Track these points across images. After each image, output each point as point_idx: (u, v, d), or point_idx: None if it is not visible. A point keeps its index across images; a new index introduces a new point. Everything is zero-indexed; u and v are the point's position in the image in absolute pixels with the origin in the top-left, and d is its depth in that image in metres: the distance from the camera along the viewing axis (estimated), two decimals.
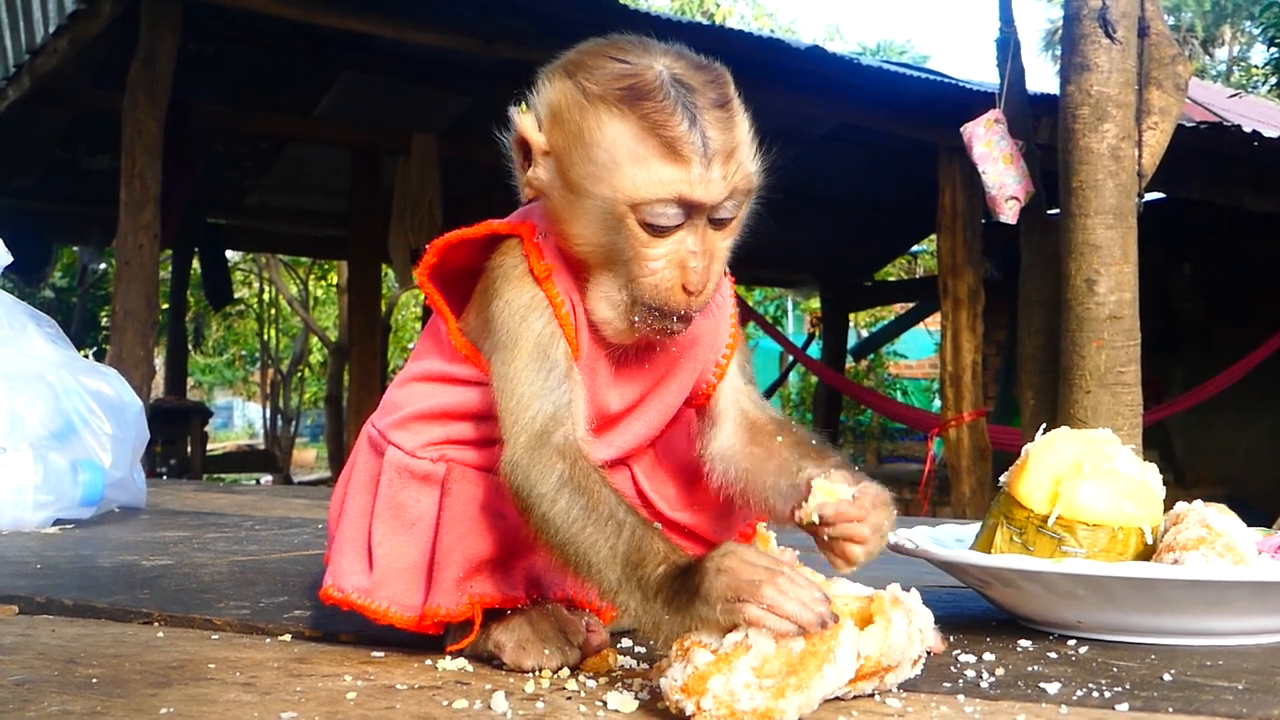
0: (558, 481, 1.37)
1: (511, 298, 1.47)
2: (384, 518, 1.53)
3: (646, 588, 1.29)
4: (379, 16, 7.44)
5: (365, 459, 1.59)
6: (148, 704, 1.26)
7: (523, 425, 1.41)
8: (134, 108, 6.96)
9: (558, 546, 1.36)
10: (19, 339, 3.46)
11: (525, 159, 1.48)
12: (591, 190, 1.40)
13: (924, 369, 20.68)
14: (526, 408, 1.42)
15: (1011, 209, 6.06)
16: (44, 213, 11.86)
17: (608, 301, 1.46)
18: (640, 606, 1.30)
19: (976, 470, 7.81)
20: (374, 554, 1.52)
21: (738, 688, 1.16)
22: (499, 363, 1.46)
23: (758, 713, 1.16)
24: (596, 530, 1.34)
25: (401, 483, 1.53)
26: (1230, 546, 1.61)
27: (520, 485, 1.39)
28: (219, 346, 26.56)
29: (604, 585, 1.33)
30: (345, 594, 1.53)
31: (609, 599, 1.34)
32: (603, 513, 1.35)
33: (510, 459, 1.41)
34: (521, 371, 1.43)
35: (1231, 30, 28.96)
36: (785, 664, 1.18)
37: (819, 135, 10.54)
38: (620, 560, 1.31)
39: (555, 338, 1.45)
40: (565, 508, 1.36)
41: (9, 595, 1.98)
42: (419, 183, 9.72)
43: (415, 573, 1.52)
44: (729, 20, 23.07)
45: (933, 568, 1.83)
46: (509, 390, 1.44)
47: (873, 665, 1.27)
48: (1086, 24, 5.12)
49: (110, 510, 3.54)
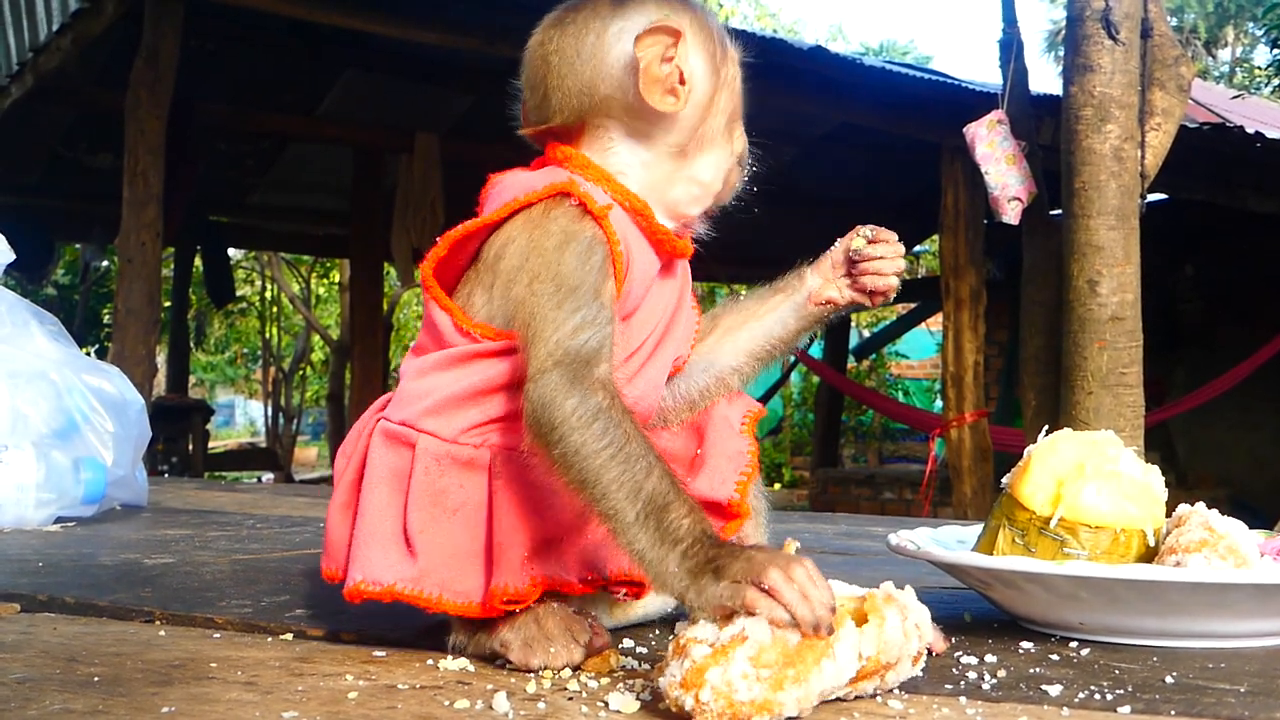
0: (596, 409, 1.37)
1: (573, 234, 1.48)
2: (422, 506, 1.48)
3: (664, 532, 1.30)
4: (382, 15, 7.44)
5: (384, 454, 1.53)
6: (149, 703, 1.26)
7: (565, 348, 1.41)
8: (137, 106, 6.97)
9: (579, 475, 1.35)
10: (21, 337, 3.46)
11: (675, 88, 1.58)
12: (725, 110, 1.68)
13: (926, 369, 20.68)
14: (575, 330, 1.42)
15: (1014, 210, 6.06)
16: (46, 210, 11.87)
17: (684, 193, 1.65)
18: (650, 548, 1.30)
19: (978, 471, 7.81)
20: (414, 543, 1.48)
21: (735, 678, 1.15)
22: (541, 293, 1.45)
23: (756, 703, 1.15)
24: (627, 465, 1.34)
25: (441, 469, 1.49)
26: (1233, 549, 1.61)
27: (552, 403, 1.38)
28: (221, 344, 26.58)
29: (619, 520, 1.33)
30: (386, 585, 1.47)
31: (619, 534, 1.33)
32: (635, 450, 1.35)
33: (543, 376, 1.39)
34: (571, 299, 1.44)
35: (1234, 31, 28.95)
36: (782, 655, 1.17)
37: (821, 135, 10.55)
38: (645, 498, 1.32)
39: (607, 278, 1.48)
40: (599, 434, 1.35)
41: (11, 593, 1.98)
42: (421, 182, 9.73)
43: (466, 559, 1.48)
44: (732, 20, 23.09)
45: (934, 569, 1.83)
46: (552, 312, 1.43)
47: (873, 665, 1.27)
48: (1089, 25, 5.13)
49: (112, 508, 3.54)
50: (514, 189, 1.57)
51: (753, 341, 1.78)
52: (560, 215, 1.50)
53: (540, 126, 1.64)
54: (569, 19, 1.61)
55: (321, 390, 23.27)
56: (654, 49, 1.55)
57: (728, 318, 1.80)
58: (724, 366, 1.76)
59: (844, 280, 1.76)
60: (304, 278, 21.73)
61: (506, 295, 1.51)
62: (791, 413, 20.57)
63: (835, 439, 15.16)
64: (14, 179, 11.23)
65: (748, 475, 1.64)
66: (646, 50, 1.55)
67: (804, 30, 31.36)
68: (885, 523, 4.00)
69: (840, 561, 2.66)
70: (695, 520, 1.31)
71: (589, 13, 1.60)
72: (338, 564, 1.57)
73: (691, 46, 1.59)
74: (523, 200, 1.53)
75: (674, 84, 1.57)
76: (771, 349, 1.79)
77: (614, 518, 1.33)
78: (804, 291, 1.77)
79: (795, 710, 1.18)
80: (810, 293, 1.77)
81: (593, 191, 1.53)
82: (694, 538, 1.29)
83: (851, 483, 13.35)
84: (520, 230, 1.52)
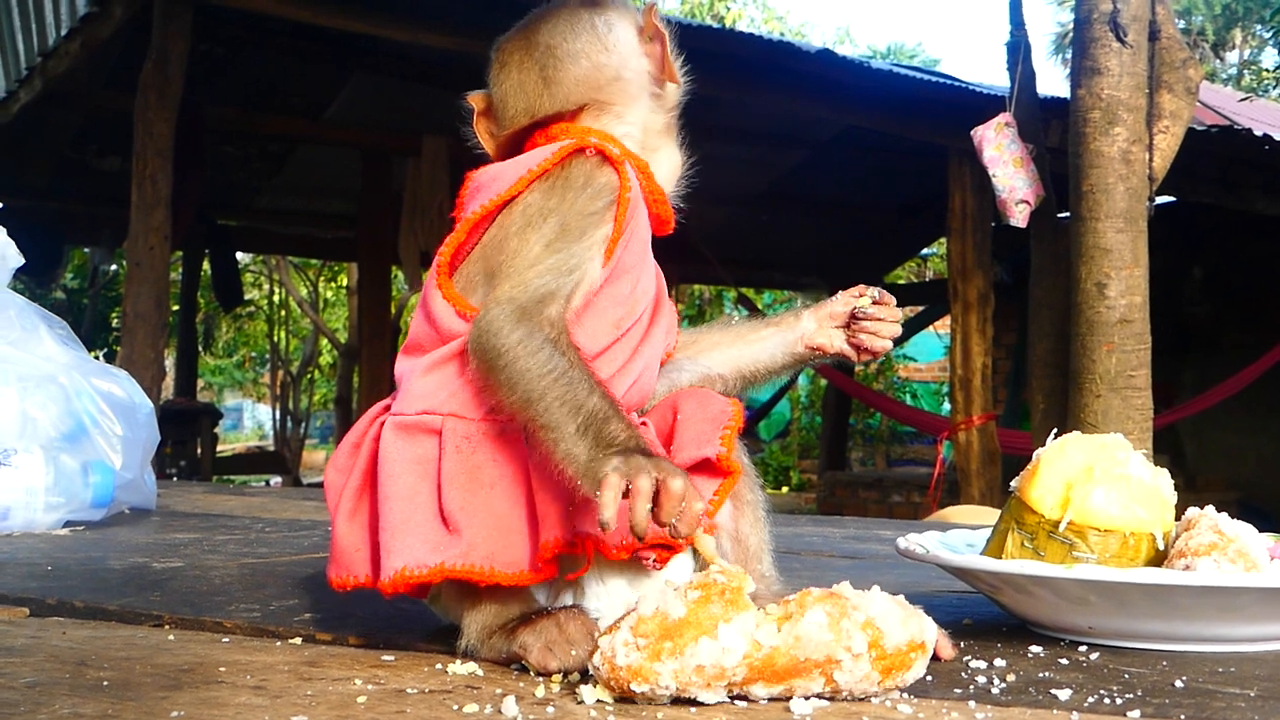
0: (542, 340, 1.46)
1: (590, 178, 1.59)
2: (458, 484, 1.50)
3: (601, 439, 1.39)
4: (389, 18, 7.46)
5: (401, 445, 1.53)
6: (158, 707, 1.26)
7: (528, 283, 1.51)
8: (145, 110, 6.98)
9: (524, 394, 1.44)
10: (30, 340, 3.47)
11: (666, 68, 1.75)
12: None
13: (933, 372, 20.65)
14: (543, 272, 1.52)
15: (1022, 212, 6.05)
16: (55, 214, 11.89)
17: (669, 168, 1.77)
18: (587, 454, 1.39)
19: (986, 474, 7.80)
20: (457, 520, 1.48)
21: (618, 645, 1.26)
22: (534, 234, 1.55)
23: (632, 669, 1.25)
24: (570, 387, 1.43)
25: (472, 446, 1.51)
26: (1242, 552, 1.60)
27: (499, 331, 1.47)
28: (229, 348, 26.60)
29: (560, 431, 1.42)
30: (434, 566, 1.47)
31: (559, 445, 1.41)
32: (577, 375, 1.45)
33: (498, 306, 1.49)
34: (556, 240, 1.55)
35: (1242, 34, 28.89)
36: (660, 627, 1.25)
37: (829, 138, 10.55)
38: (586, 413, 1.41)
39: (606, 222, 1.58)
40: (544, 360, 1.45)
41: (20, 597, 1.99)
42: (429, 185, 9.74)
43: (511, 529, 1.49)
44: (739, 23, 23.08)
45: (943, 572, 1.83)
46: (532, 249, 1.54)
47: (786, 659, 1.26)
48: (1097, 28, 5.12)
49: (121, 512, 3.55)
50: (516, 169, 1.62)
51: (740, 360, 1.85)
52: (579, 165, 1.60)
53: (533, 118, 1.73)
54: (554, 16, 1.75)
55: (329, 394, 23.27)
56: (660, 37, 1.74)
57: (718, 334, 1.88)
58: (710, 370, 1.83)
59: (839, 331, 1.84)
60: (312, 281, 21.75)
61: (499, 254, 1.58)
62: (799, 416, 20.56)
63: (843, 442, 15.15)
64: (23, 182, 11.25)
65: (731, 429, 1.63)
66: (654, 39, 1.74)
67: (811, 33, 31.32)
68: (893, 526, 4.00)
69: (848, 565, 2.66)
70: (632, 434, 1.40)
71: (573, 10, 1.74)
72: (350, 570, 1.57)
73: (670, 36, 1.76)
74: (538, 169, 1.60)
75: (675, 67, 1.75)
76: (754, 373, 1.86)
77: (555, 429, 1.42)
78: (798, 331, 1.84)
79: (672, 682, 1.24)
80: (804, 334, 1.84)
81: (607, 145, 1.62)
82: (629, 445, 1.38)
83: (859, 486, 13.34)
84: (537, 193, 1.60)
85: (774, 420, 20.66)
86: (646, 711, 1.25)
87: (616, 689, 1.27)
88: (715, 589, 1.28)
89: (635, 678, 1.24)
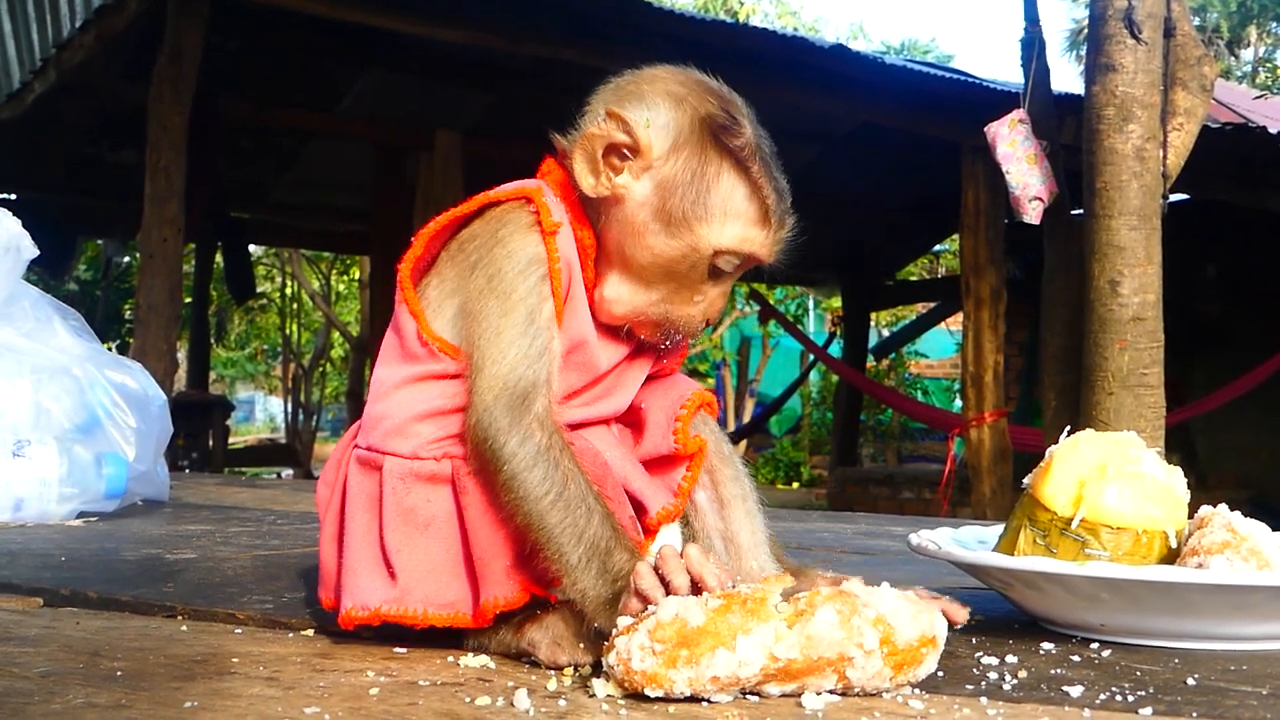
0: (535, 451, 1.44)
1: (515, 248, 1.52)
2: (395, 526, 1.51)
3: (606, 573, 1.40)
4: (403, 13, 7.46)
5: (359, 480, 1.56)
6: (172, 697, 1.27)
7: (504, 382, 1.46)
8: (159, 102, 7.00)
9: (523, 513, 1.43)
10: (45, 332, 3.48)
11: (613, 161, 1.57)
12: (691, 225, 1.54)
13: (945, 369, 20.65)
14: (512, 366, 1.47)
15: (1035, 209, 6.04)
16: (69, 206, 11.94)
17: (628, 292, 1.60)
18: (593, 587, 1.40)
19: (997, 471, 7.79)
20: (394, 563, 1.51)
21: (634, 648, 1.26)
22: (486, 309, 1.50)
23: (647, 674, 1.24)
24: (568, 511, 1.42)
25: (407, 487, 1.51)
26: (1255, 551, 1.60)
27: (493, 441, 1.44)
28: (241, 340, 26.68)
29: (564, 561, 1.42)
30: (373, 609, 1.50)
31: (563, 573, 1.42)
32: (574, 493, 1.43)
33: (486, 413, 1.46)
34: (511, 327, 1.49)
35: (1257, 31, 28.80)
36: (678, 634, 1.25)
37: (842, 134, 10.53)
38: (588, 543, 1.41)
39: (545, 299, 1.52)
40: (540, 479, 1.43)
41: (34, 588, 2.00)
42: (442, 179, 9.73)
43: (446, 572, 1.51)
44: (752, 18, 23.07)
45: (955, 569, 1.83)
46: (493, 341, 1.49)
47: (804, 662, 1.26)
48: (1112, 24, 5.11)
49: (134, 503, 3.56)
50: (495, 191, 1.60)
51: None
52: (513, 222, 1.54)
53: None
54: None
55: (341, 386, 23.35)
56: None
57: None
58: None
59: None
60: (324, 274, 21.80)
61: (459, 292, 1.55)
62: (810, 412, 20.57)
63: (854, 438, 15.14)
64: (37, 175, 11.28)
65: (682, 418, 1.67)
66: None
67: (825, 29, 31.28)
68: (904, 522, 4.00)
69: (860, 561, 2.66)
70: (633, 558, 1.40)
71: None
72: (330, 593, 1.61)
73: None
74: (492, 198, 1.57)
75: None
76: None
77: (559, 559, 1.42)
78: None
79: (687, 689, 1.24)
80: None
81: (552, 206, 1.56)
82: (631, 570, 1.38)
83: (870, 482, 13.33)
84: (482, 226, 1.57)
85: (785, 416, 20.68)
86: (658, 706, 1.25)
87: (630, 690, 1.27)
88: (738, 599, 1.28)
89: (650, 683, 1.24)
